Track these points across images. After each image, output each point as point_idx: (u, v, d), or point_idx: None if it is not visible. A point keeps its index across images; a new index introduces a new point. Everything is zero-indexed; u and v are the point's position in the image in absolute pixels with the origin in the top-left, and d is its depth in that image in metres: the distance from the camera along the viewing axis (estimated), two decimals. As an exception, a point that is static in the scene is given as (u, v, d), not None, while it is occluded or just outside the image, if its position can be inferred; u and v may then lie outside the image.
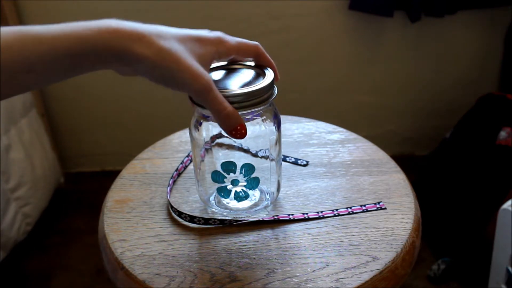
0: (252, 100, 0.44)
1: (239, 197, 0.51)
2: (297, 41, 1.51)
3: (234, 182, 0.50)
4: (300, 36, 1.51)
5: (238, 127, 0.43)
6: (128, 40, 0.38)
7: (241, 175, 0.49)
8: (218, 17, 1.45)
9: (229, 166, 0.49)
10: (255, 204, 0.54)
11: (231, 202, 0.53)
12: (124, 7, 1.41)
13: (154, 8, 1.42)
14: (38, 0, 1.41)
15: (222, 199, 0.53)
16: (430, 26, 1.50)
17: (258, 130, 0.48)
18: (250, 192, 0.52)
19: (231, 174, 0.49)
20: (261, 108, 0.45)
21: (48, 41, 0.36)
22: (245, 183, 0.50)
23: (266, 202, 0.54)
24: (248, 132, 0.44)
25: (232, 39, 0.46)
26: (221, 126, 0.43)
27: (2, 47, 0.35)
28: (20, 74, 0.36)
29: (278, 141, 0.50)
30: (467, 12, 1.47)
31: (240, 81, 0.46)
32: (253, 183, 0.50)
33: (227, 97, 0.42)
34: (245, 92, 0.44)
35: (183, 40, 0.41)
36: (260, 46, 0.47)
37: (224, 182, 0.50)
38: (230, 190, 0.51)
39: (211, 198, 0.54)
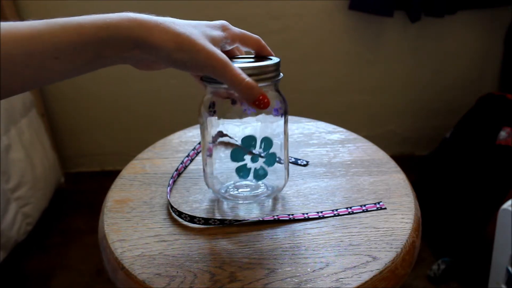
0: (265, 75, 0.46)
1: (258, 176, 0.51)
2: (297, 41, 1.51)
3: (254, 159, 0.50)
4: (300, 36, 1.51)
5: (261, 97, 0.44)
6: (146, 28, 0.41)
7: (261, 149, 0.50)
8: (218, 17, 1.44)
9: (250, 141, 0.49)
10: (261, 193, 0.54)
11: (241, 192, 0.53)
12: (124, 7, 1.41)
13: (154, 8, 1.41)
14: (38, 0, 1.41)
15: (237, 183, 0.53)
16: (430, 26, 1.50)
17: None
18: (268, 169, 0.52)
19: (251, 150, 0.50)
20: (271, 82, 0.47)
21: (74, 29, 0.39)
22: (264, 159, 0.50)
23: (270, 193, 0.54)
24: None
25: (236, 29, 0.49)
26: (243, 98, 0.44)
27: (34, 35, 0.38)
28: (49, 60, 0.38)
29: (286, 123, 0.51)
30: (467, 12, 1.47)
31: (248, 63, 0.48)
32: (271, 159, 0.50)
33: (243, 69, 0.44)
34: (259, 66, 0.46)
35: (195, 25, 0.44)
36: (262, 40, 0.50)
37: (243, 160, 0.50)
38: (250, 169, 0.50)
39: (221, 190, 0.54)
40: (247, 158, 0.50)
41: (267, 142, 0.50)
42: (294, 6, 1.45)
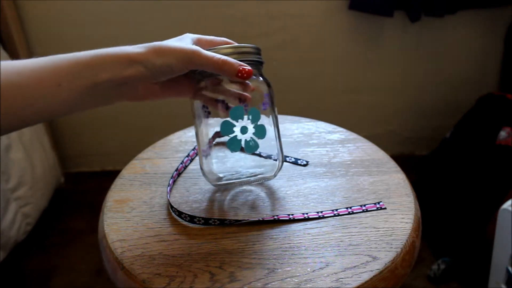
0: (246, 55, 0.50)
1: (249, 147, 0.51)
2: (297, 41, 1.51)
3: (243, 130, 0.51)
4: (300, 36, 1.51)
5: (240, 68, 0.47)
6: (132, 48, 0.46)
7: (249, 120, 0.51)
8: (217, 17, 1.45)
9: (237, 112, 0.50)
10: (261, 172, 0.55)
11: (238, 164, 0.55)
12: (124, 7, 1.41)
13: (154, 8, 1.42)
14: (38, 0, 1.41)
15: (231, 168, 0.54)
16: (430, 26, 1.50)
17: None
18: (259, 141, 0.52)
19: (240, 121, 0.50)
20: (252, 62, 0.50)
21: (73, 56, 0.44)
22: (253, 131, 0.51)
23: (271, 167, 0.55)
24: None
25: (205, 36, 0.53)
26: (225, 74, 0.48)
27: (35, 65, 0.43)
28: (52, 88, 0.43)
29: (274, 110, 0.53)
30: (467, 12, 1.47)
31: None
32: (261, 130, 0.51)
33: (220, 49, 0.49)
34: (234, 45, 0.50)
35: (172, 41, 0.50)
36: (227, 39, 0.55)
37: (233, 132, 0.50)
38: (240, 140, 0.51)
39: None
40: (237, 130, 0.51)
41: (255, 113, 0.51)
42: (294, 6, 1.45)
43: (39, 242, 1.41)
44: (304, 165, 0.61)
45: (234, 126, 0.50)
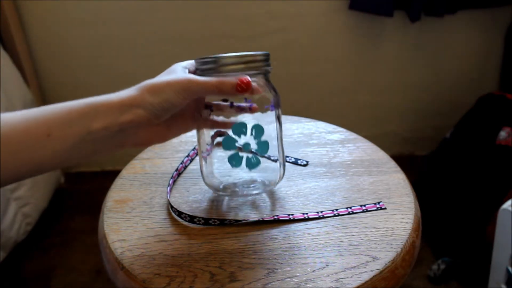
0: (248, 64, 0.47)
1: (251, 164, 0.51)
2: (297, 41, 1.51)
3: (246, 147, 0.50)
4: (300, 36, 1.51)
5: (239, 81, 0.45)
6: (127, 92, 0.45)
7: (252, 136, 0.50)
8: (218, 17, 1.45)
9: (240, 128, 0.49)
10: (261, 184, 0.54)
11: (239, 182, 0.53)
12: (124, 7, 1.41)
13: (154, 8, 1.42)
14: (38, 0, 1.41)
15: (231, 170, 0.53)
16: (430, 26, 1.50)
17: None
18: (261, 158, 0.52)
19: (242, 137, 0.49)
20: (255, 72, 0.48)
21: (65, 106, 0.43)
22: (256, 147, 0.50)
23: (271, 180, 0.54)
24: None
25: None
26: (225, 94, 0.46)
27: (26, 116, 0.41)
28: (42, 138, 0.41)
29: (279, 118, 0.51)
30: (467, 12, 1.47)
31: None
32: (264, 147, 0.50)
33: (224, 58, 0.46)
34: (240, 55, 0.47)
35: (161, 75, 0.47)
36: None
37: (235, 148, 0.50)
38: (242, 157, 0.50)
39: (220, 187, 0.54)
40: (239, 144, 0.50)
41: (258, 129, 0.50)
42: (294, 6, 1.45)
43: (39, 242, 1.41)
44: (304, 165, 0.61)
45: (236, 141, 0.50)
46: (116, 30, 1.45)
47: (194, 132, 0.70)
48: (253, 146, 0.50)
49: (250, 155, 0.50)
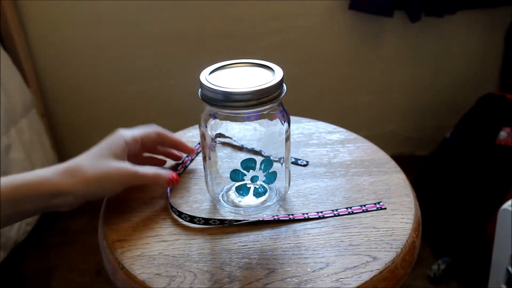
0: (261, 99, 0.44)
1: (258, 193, 0.52)
2: (297, 41, 1.51)
3: (254, 179, 0.50)
4: (300, 36, 1.51)
5: (169, 179, 0.52)
6: (56, 179, 0.46)
7: (261, 170, 0.49)
8: (218, 17, 1.45)
9: (249, 163, 0.49)
10: (265, 201, 0.54)
11: (243, 200, 0.53)
12: (124, 7, 1.41)
13: (154, 8, 1.42)
14: (38, 0, 1.41)
15: (237, 197, 0.53)
16: (430, 26, 1.50)
17: (268, 131, 0.49)
18: (267, 186, 0.52)
19: (251, 171, 0.49)
20: (268, 107, 0.46)
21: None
22: (264, 179, 0.50)
23: (275, 199, 0.54)
24: (259, 131, 0.47)
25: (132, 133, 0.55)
26: (159, 185, 0.53)
27: None
28: None
29: (288, 139, 0.51)
30: (467, 12, 1.47)
31: (248, 79, 0.46)
32: (271, 177, 0.50)
33: (234, 94, 0.43)
34: (252, 91, 0.44)
35: (99, 154, 0.50)
36: (161, 130, 0.58)
37: (243, 180, 0.50)
38: (249, 188, 0.51)
39: (220, 197, 0.54)
40: (247, 177, 0.50)
41: (267, 163, 0.49)
42: (294, 6, 1.45)
43: (39, 242, 1.41)
44: (304, 165, 0.61)
45: (245, 175, 0.50)
46: (116, 30, 1.45)
47: (194, 132, 0.70)
48: (261, 178, 0.50)
49: (258, 186, 0.51)
